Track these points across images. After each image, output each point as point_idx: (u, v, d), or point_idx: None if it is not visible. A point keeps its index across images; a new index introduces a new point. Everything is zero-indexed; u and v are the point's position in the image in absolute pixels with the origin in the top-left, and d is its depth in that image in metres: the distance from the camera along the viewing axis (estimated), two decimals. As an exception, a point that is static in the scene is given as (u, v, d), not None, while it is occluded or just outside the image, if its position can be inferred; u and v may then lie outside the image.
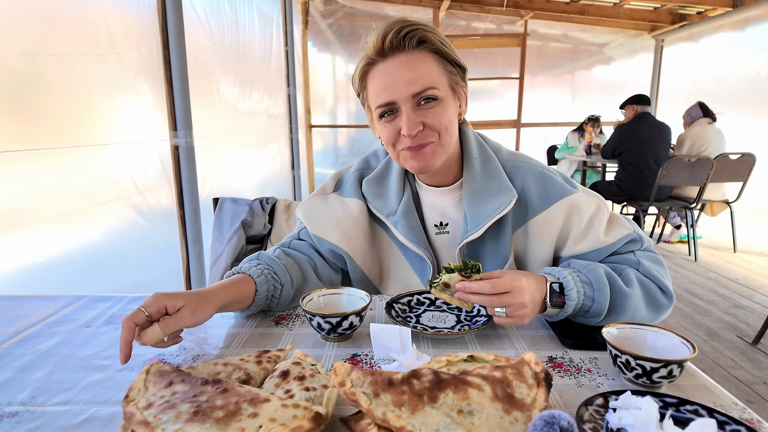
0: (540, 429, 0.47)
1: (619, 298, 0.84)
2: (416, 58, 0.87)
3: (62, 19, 1.73)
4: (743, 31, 4.74)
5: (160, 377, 0.59)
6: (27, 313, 0.94)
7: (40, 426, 0.59)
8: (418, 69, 0.86)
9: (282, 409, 0.53)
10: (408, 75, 0.86)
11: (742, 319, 2.86)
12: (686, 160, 3.77)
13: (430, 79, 0.87)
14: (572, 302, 0.81)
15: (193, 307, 0.75)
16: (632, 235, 0.95)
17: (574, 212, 0.94)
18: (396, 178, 1.04)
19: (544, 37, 6.09)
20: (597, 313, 0.83)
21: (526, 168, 0.99)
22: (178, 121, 2.38)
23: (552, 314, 0.84)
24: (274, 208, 1.71)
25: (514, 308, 0.78)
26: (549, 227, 0.96)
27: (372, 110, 0.94)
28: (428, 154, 0.91)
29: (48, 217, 1.66)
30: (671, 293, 0.90)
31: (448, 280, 0.82)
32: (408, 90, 0.86)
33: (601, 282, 0.84)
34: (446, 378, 0.55)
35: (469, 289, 0.79)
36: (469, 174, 0.99)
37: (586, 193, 0.98)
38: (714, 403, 0.63)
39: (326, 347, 0.80)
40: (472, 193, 0.97)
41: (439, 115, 0.89)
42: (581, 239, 0.95)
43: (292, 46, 4.67)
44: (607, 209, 0.97)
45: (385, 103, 0.88)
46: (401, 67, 0.86)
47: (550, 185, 0.96)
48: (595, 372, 0.71)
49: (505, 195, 0.94)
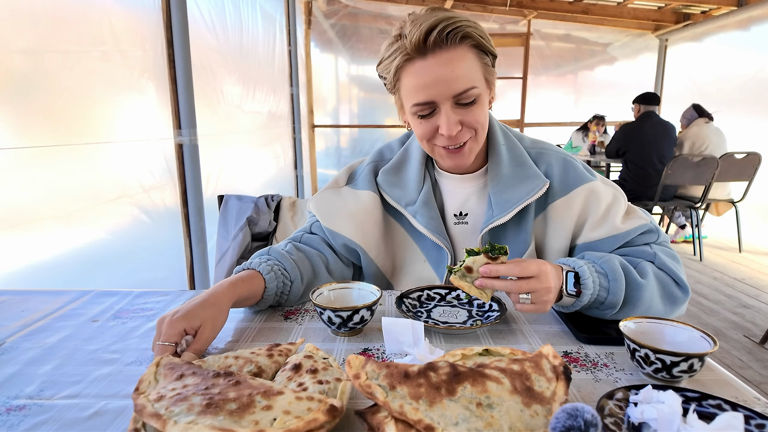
0: (563, 421, 0.46)
1: (634, 290, 0.83)
2: (458, 55, 0.84)
3: (67, 17, 1.72)
4: (748, 31, 4.72)
5: (170, 370, 0.58)
6: (33, 307, 0.93)
7: (48, 419, 0.58)
8: (460, 68, 0.84)
9: (296, 401, 0.52)
10: (450, 75, 0.83)
11: (748, 319, 2.84)
12: (691, 159, 3.75)
13: (470, 79, 0.85)
14: (588, 291, 0.80)
15: (212, 322, 0.74)
16: (649, 226, 0.94)
17: (592, 199, 0.95)
18: (416, 167, 1.02)
19: (548, 36, 6.08)
20: (612, 304, 0.82)
21: (549, 154, 1.00)
22: (182, 120, 2.37)
23: (567, 304, 0.83)
24: (279, 206, 1.70)
25: (539, 294, 0.76)
26: (567, 212, 0.95)
27: (405, 104, 0.92)
28: (465, 153, 0.92)
29: (52, 215, 1.65)
30: (687, 287, 0.89)
31: (471, 264, 0.78)
32: (449, 91, 0.84)
33: (616, 273, 0.82)
34: (464, 371, 0.54)
35: (496, 272, 0.76)
36: (495, 160, 0.98)
37: (604, 182, 0.98)
38: (736, 398, 0.61)
39: (336, 341, 0.79)
40: (498, 179, 0.96)
41: (477, 114, 0.88)
42: (597, 226, 0.94)
43: (295, 45, 4.66)
44: (625, 200, 0.97)
45: (425, 102, 0.86)
46: (443, 67, 0.83)
47: (571, 171, 0.97)
48: (611, 367, 0.70)
49: (534, 180, 0.95)
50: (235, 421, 0.48)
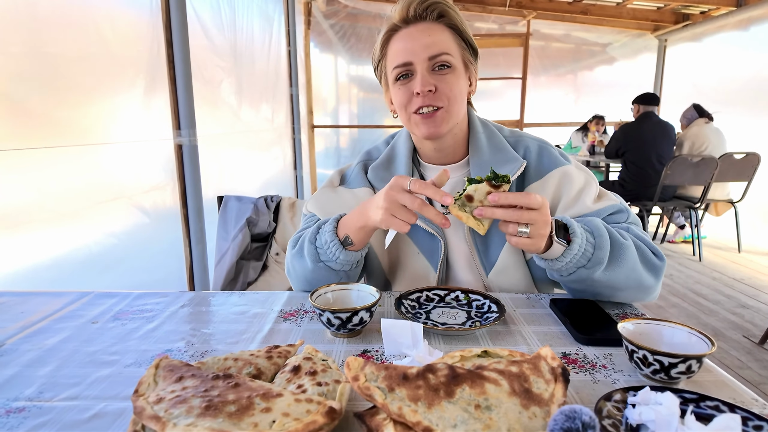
0: (561, 424, 0.46)
1: (618, 249, 0.86)
2: (435, 28, 0.95)
3: (66, 18, 1.73)
4: (747, 31, 4.73)
5: (170, 372, 0.58)
6: (32, 309, 0.93)
7: (48, 421, 0.58)
8: (436, 36, 0.94)
9: (295, 403, 0.52)
10: (427, 39, 0.93)
11: (748, 319, 2.84)
12: (690, 159, 3.76)
13: (446, 46, 0.94)
14: (577, 239, 0.82)
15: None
16: (619, 207, 0.99)
17: (565, 182, 0.99)
18: (403, 161, 1.07)
19: (547, 37, 6.08)
20: (599, 259, 0.84)
21: (526, 140, 1.06)
22: (181, 120, 2.37)
23: (556, 254, 0.84)
24: (278, 207, 1.71)
25: (538, 226, 0.78)
26: (542, 194, 0.97)
27: (388, 75, 1.00)
28: (437, 119, 0.96)
29: (51, 216, 1.65)
30: (662, 255, 0.92)
31: (472, 192, 0.78)
32: (425, 53, 0.93)
33: (600, 230, 0.86)
34: (462, 373, 0.54)
35: (505, 200, 0.77)
36: (475, 147, 1.04)
37: (578, 167, 1.03)
38: (734, 399, 0.62)
39: (336, 343, 0.79)
40: (480, 166, 1.01)
41: (450, 83, 0.95)
42: (569, 207, 0.98)
43: (294, 46, 4.66)
44: (596, 184, 1.02)
45: (403, 63, 0.95)
46: (421, 33, 0.94)
47: (545, 156, 1.03)
48: (610, 368, 0.70)
49: (513, 163, 1.01)
50: (234, 424, 0.49)
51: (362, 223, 0.91)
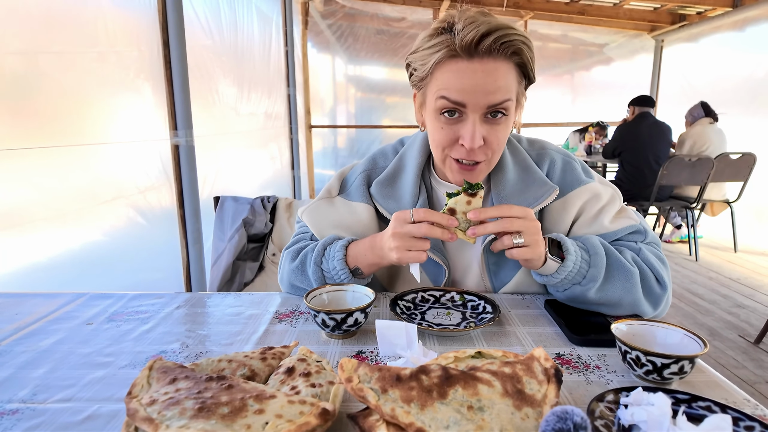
0: (553, 424, 0.46)
1: (615, 268, 0.86)
2: (504, 68, 0.81)
3: (62, 18, 1.72)
4: (743, 32, 4.74)
5: (163, 374, 0.58)
6: (27, 310, 0.93)
7: (41, 423, 0.58)
8: (503, 80, 0.81)
9: (288, 405, 0.52)
10: (492, 85, 0.80)
11: (743, 319, 2.85)
12: (687, 159, 3.77)
13: (510, 90, 0.83)
14: (571, 257, 0.83)
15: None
16: (637, 227, 0.95)
17: (588, 201, 0.96)
18: (411, 179, 0.99)
19: (544, 37, 6.09)
20: (593, 277, 0.84)
21: (550, 153, 1.01)
22: (178, 121, 2.37)
23: (551, 269, 0.84)
24: (275, 207, 1.70)
25: (530, 232, 0.79)
26: (563, 214, 0.96)
27: (429, 98, 0.87)
28: (476, 172, 0.89)
29: (47, 217, 1.65)
30: (666, 284, 0.89)
31: (454, 205, 0.82)
32: (486, 100, 0.81)
33: (596, 248, 0.86)
34: (455, 374, 0.55)
35: (485, 214, 0.79)
36: (497, 166, 0.96)
37: (602, 183, 0.99)
38: (726, 399, 0.62)
39: (330, 344, 0.79)
40: (502, 186, 0.96)
41: (501, 134, 0.86)
42: (587, 225, 0.96)
43: (292, 46, 4.66)
44: (620, 200, 0.99)
45: (456, 101, 0.82)
46: (487, 75, 0.80)
47: (569, 174, 0.98)
48: (603, 369, 0.70)
49: (541, 187, 0.95)
50: (227, 425, 0.49)
51: (376, 261, 0.90)
